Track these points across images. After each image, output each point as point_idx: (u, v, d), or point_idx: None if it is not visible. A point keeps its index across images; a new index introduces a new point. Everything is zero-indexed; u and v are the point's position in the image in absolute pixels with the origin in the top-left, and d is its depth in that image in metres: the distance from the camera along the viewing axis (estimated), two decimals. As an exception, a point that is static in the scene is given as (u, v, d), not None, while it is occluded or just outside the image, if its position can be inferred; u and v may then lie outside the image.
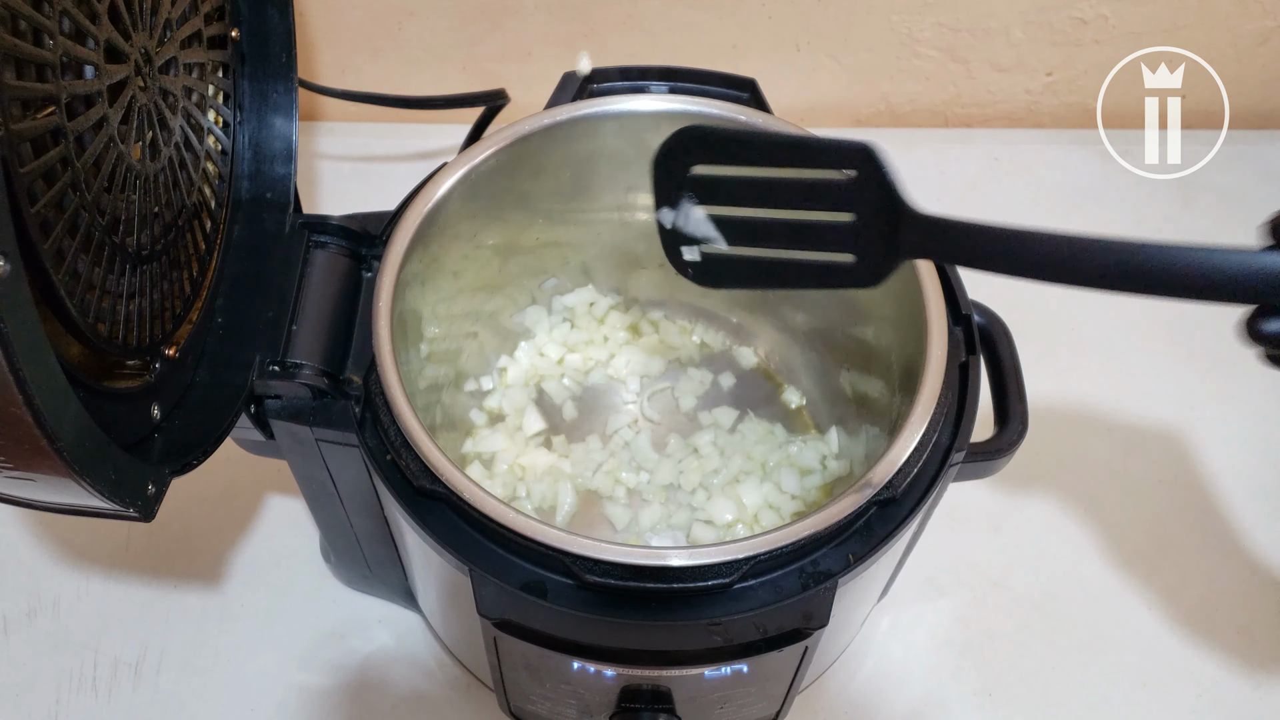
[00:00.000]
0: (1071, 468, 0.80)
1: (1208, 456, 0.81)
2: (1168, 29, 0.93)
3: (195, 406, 0.49)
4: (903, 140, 1.01)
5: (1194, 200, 0.97)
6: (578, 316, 0.78)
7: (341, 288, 0.57)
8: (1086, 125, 0.98)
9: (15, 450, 0.33)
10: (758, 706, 0.58)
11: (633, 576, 0.48)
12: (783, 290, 0.74)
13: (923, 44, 0.95)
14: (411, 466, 0.51)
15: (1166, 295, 0.36)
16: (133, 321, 0.44)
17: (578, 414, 0.76)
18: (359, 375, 0.54)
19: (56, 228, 0.37)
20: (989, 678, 0.70)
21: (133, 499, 0.39)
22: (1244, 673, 0.71)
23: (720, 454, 0.73)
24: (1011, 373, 0.60)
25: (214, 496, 0.76)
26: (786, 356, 0.77)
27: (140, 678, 0.69)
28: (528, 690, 0.57)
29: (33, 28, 0.35)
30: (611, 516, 0.70)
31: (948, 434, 0.54)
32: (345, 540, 0.64)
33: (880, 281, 0.43)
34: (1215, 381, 0.85)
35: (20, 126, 0.34)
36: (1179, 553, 0.76)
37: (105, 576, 0.73)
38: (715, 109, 0.63)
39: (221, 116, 0.54)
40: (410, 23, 0.93)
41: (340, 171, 0.97)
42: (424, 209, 0.59)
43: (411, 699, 0.69)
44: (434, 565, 0.53)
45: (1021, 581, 0.74)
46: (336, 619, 0.72)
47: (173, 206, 0.48)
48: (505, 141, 0.62)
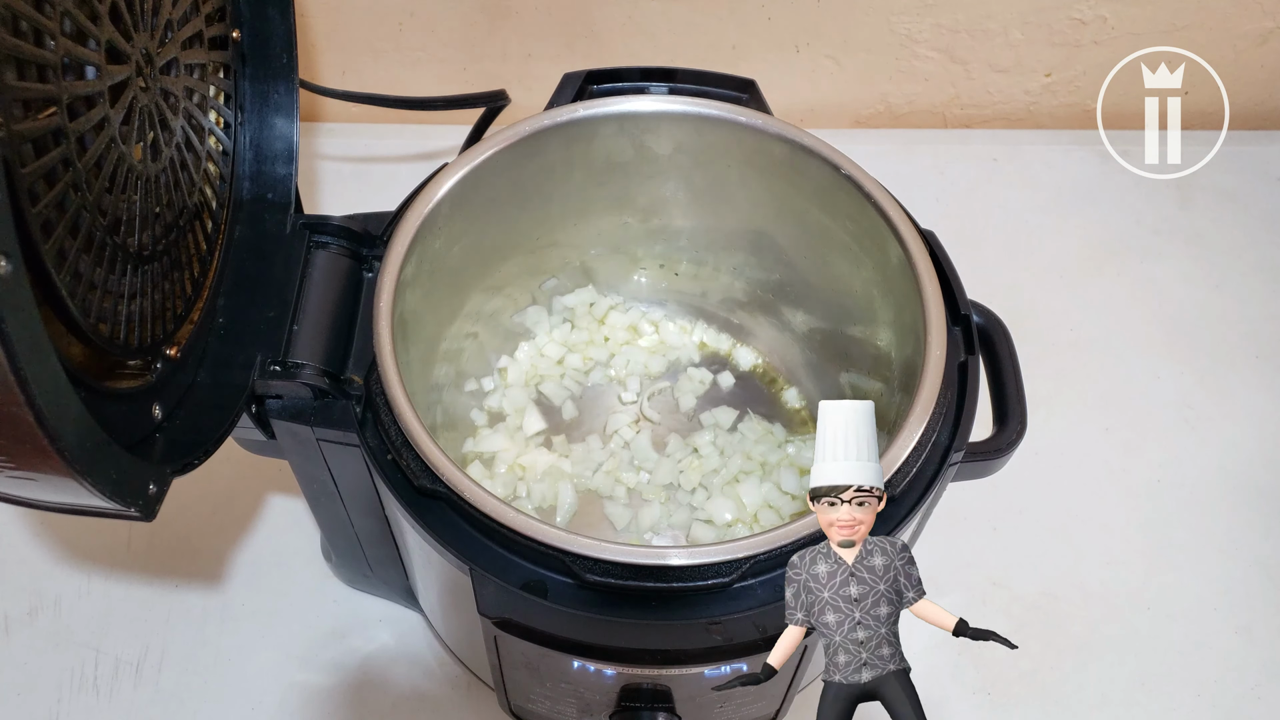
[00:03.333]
0: (1071, 468, 0.80)
1: (1207, 456, 0.81)
2: (1167, 29, 0.93)
3: (196, 406, 0.49)
4: (902, 141, 1.01)
5: (1193, 200, 0.97)
6: (578, 316, 0.78)
7: (342, 288, 0.57)
8: (1086, 126, 0.99)
9: (17, 450, 0.33)
10: (757, 706, 0.58)
11: (633, 576, 0.48)
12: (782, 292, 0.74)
13: (922, 45, 0.95)
14: (412, 466, 0.51)
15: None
16: (134, 321, 0.44)
17: (578, 414, 0.76)
18: (360, 375, 0.54)
19: (58, 228, 0.37)
20: (988, 677, 0.70)
21: (134, 499, 0.39)
22: (1244, 673, 0.71)
23: (720, 454, 0.73)
24: (1010, 372, 0.60)
25: (215, 496, 0.77)
26: (786, 356, 0.77)
27: (141, 677, 0.69)
28: (528, 689, 0.57)
29: (34, 28, 0.35)
30: (611, 516, 0.71)
31: (947, 434, 0.54)
32: (346, 540, 0.64)
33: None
34: (1214, 381, 0.85)
35: (22, 127, 0.34)
36: (1179, 553, 0.76)
37: (106, 576, 0.73)
38: (715, 109, 0.63)
39: (222, 117, 0.54)
40: (411, 23, 0.93)
41: (341, 172, 0.97)
42: (424, 210, 0.59)
43: (412, 698, 0.69)
44: (434, 565, 0.53)
45: (1021, 581, 0.74)
46: (337, 618, 0.72)
47: (174, 207, 0.48)
48: (506, 142, 0.62)
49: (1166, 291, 0.91)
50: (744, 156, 0.65)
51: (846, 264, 0.66)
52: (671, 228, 0.73)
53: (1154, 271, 0.92)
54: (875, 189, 0.60)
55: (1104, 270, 0.92)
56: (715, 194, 0.69)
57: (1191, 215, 0.96)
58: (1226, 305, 0.90)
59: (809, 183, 0.63)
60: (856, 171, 0.61)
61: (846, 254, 0.65)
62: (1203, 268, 0.92)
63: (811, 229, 0.66)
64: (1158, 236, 0.94)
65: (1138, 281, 0.91)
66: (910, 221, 0.59)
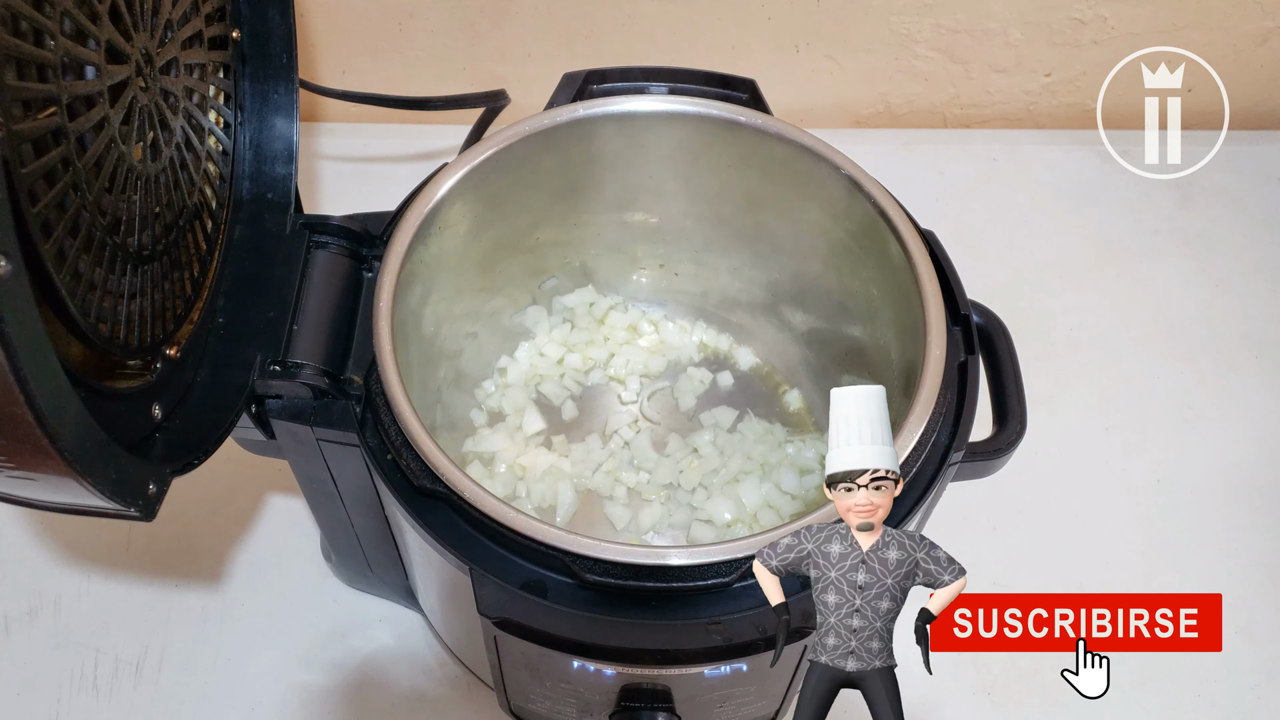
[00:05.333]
0: (1071, 468, 0.80)
1: (1207, 456, 0.81)
2: (1167, 29, 0.93)
3: (196, 406, 0.49)
4: (902, 141, 1.01)
5: (1193, 200, 0.97)
6: (578, 316, 0.78)
7: (342, 288, 0.57)
8: (1086, 126, 0.99)
9: (16, 450, 0.33)
10: (757, 705, 0.58)
11: (632, 575, 0.48)
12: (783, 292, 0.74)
13: (922, 45, 0.95)
14: (412, 466, 0.51)
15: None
16: (134, 321, 0.44)
17: (577, 414, 0.76)
18: (359, 375, 0.54)
19: (58, 228, 0.37)
20: (987, 677, 0.70)
21: (134, 499, 0.39)
22: (1244, 673, 0.71)
23: (720, 454, 0.73)
24: (1010, 372, 0.60)
25: (215, 496, 0.77)
26: (786, 356, 0.77)
27: (141, 677, 0.69)
28: (528, 689, 0.57)
29: (34, 28, 0.35)
30: (611, 516, 0.71)
31: (946, 433, 0.54)
32: (346, 540, 0.64)
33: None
34: (1215, 381, 0.85)
35: (21, 127, 0.34)
36: (1179, 553, 0.76)
37: (106, 576, 0.73)
38: (715, 109, 0.63)
39: (222, 117, 0.54)
40: (410, 23, 0.93)
41: (341, 172, 0.97)
42: (424, 209, 0.59)
43: (412, 698, 0.69)
44: (434, 564, 0.53)
45: (1021, 581, 0.74)
46: (337, 618, 0.72)
47: (174, 207, 0.48)
48: (505, 142, 0.62)
49: (1166, 291, 0.91)
50: (744, 156, 0.65)
51: (846, 264, 0.66)
52: (671, 228, 0.73)
53: (1154, 271, 0.92)
54: (875, 189, 0.60)
55: (1104, 270, 0.92)
56: (715, 194, 0.69)
57: (1191, 215, 0.96)
58: (1226, 305, 0.90)
59: (809, 182, 0.63)
60: (856, 171, 0.61)
61: (846, 254, 0.65)
62: (1203, 268, 0.92)
63: (811, 229, 0.66)
64: (1158, 236, 0.94)
65: (1138, 281, 0.91)
66: (910, 221, 0.59)
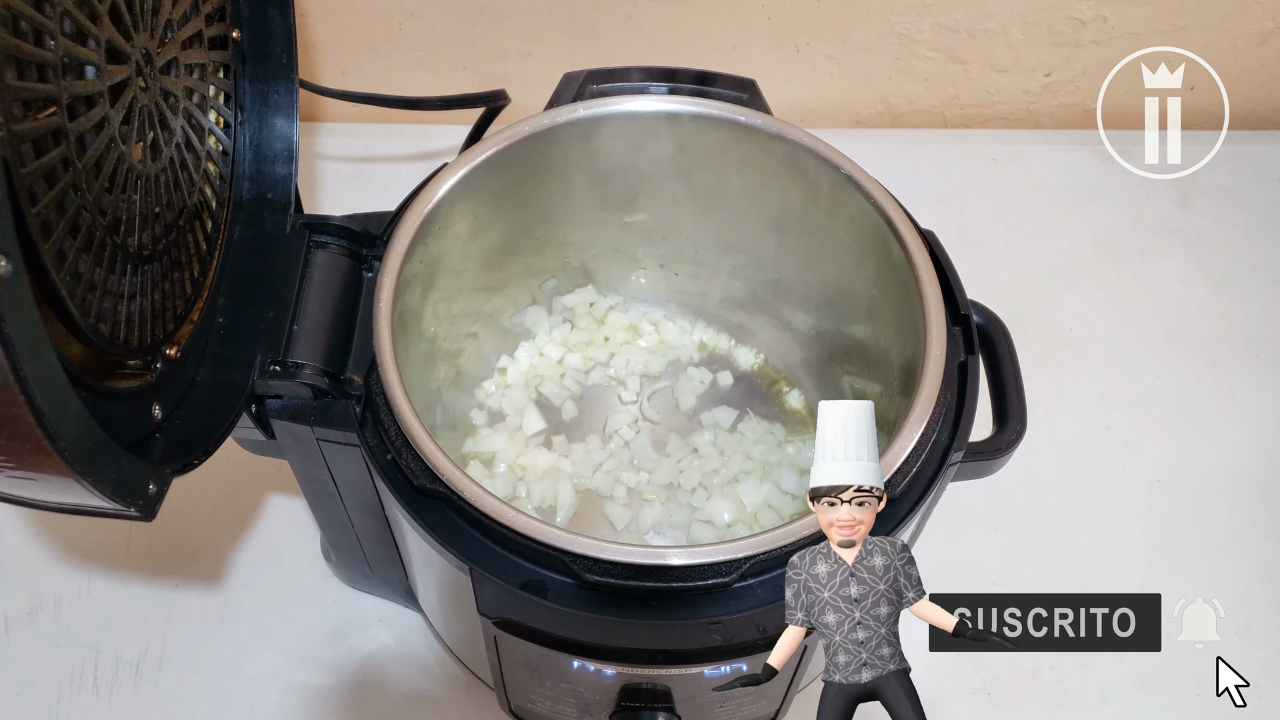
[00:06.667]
0: (1071, 468, 0.80)
1: (1207, 456, 0.81)
2: (1167, 29, 0.93)
3: (196, 406, 0.49)
4: (902, 141, 1.01)
5: (1193, 200, 0.97)
6: (578, 316, 0.78)
7: (342, 288, 0.57)
8: (1086, 126, 0.99)
9: (16, 450, 0.33)
10: (757, 705, 0.58)
11: (633, 575, 0.48)
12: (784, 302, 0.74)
13: (922, 45, 0.95)
14: (412, 466, 0.51)
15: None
16: (134, 321, 0.44)
17: (578, 414, 0.76)
18: (360, 375, 0.54)
19: (58, 228, 0.37)
20: (988, 677, 0.70)
21: (134, 499, 0.39)
22: (1244, 672, 0.71)
23: (720, 454, 0.73)
24: (1010, 372, 0.60)
25: (215, 496, 0.77)
26: (786, 356, 0.77)
27: (141, 677, 0.69)
28: (528, 689, 0.57)
29: (34, 28, 0.35)
30: (611, 516, 0.71)
31: (947, 433, 0.54)
32: (346, 539, 0.64)
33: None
34: (1215, 381, 0.85)
35: (21, 127, 0.34)
36: (1179, 553, 0.76)
37: (106, 576, 0.73)
38: (715, 109, 0.63)
39: (222, 117, 0.54)
40: (410, 23, 0.93)
41: (341, 172, 0.97)
42: (424, 209, 0.59)
43: (412, 698, 0.69)
44: (434, 564, 0.53)
45: (1021, 581, 0.74)
46: (337, 618, 0.72)
47: (174, 207, 0.48)
48: (505, 142, 0.62)
49: (1166, 291, 0.91)
50: (744, 156, 0.65)
51: (846, 264, 0.66)
52: (671, 228, 0.73)
53: (1154, 271, 0.92)
54: (875, 189, 0.60)
55: (1104, 270, 0.92)
56: (715, 194, 0.69)
57: (1191, 215, 0.96)
58: (1226, 305, 0.90)
59: (809, 183, 0.63)
60: (856, 171, 0.61)
61: (846, 254, 0.65)
62: (1203, 268, 0.92)
63: (811, 229, 0.66)
64: (1158, 236, 0.94)
65: (1138, 281, 0.91)
66: (910, 221, 0.59)
